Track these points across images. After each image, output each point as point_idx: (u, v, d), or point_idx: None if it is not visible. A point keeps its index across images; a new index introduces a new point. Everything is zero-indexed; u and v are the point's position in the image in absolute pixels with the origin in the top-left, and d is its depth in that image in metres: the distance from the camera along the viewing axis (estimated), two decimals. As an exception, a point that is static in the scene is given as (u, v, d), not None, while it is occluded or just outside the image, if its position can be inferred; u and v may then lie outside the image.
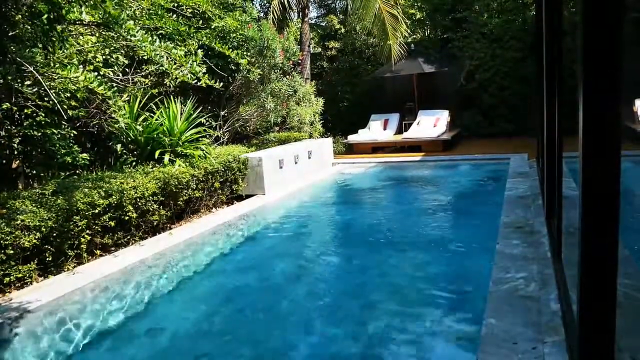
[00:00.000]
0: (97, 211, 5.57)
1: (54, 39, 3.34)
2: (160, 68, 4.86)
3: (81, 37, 6.12)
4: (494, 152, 11.96)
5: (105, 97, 4.09)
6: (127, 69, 8.15)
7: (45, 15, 3.05)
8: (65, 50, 3.83)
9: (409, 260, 5.62)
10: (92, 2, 3.23)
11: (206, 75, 4.49)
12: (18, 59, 3.42)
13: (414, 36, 17.63)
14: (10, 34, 3.27)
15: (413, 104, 16.27)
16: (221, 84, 5.20)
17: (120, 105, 4.04)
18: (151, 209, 6.39)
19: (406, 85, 16.38)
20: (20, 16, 3.26)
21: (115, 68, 7.69)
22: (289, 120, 11.91)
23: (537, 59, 7.42)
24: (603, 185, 1.72)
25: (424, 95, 16.39)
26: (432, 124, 14.37)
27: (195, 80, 4.41)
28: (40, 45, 3.41)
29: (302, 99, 11.99)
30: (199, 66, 4.82)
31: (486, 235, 5.44)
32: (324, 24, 18.92)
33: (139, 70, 8.55)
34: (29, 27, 3.35)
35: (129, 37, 4.28)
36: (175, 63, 4.78)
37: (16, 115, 6.68)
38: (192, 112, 8.19)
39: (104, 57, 7.16)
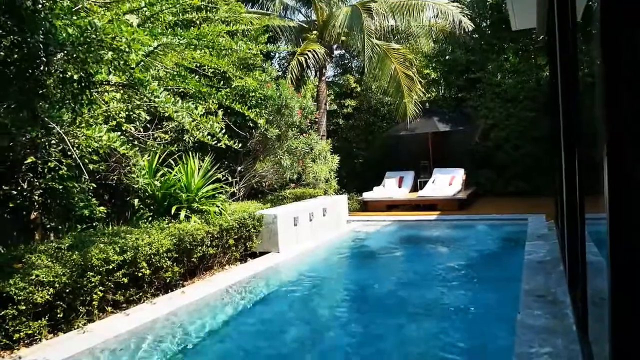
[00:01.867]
0: (111, 267, 5.55)
1: (83, 102, 3.44)
2: (181, 124, 4.96)
3: (106, 94, 6.31)
4: (510, 212, 11.84)
5: (127, 156, 4.17)
6: (148, 125, 8.34)
7: (76, 80, 3.15)
8: (92, 112, 3.94)
9: (425, 329, 5.44)
10: (121, 67, 3.34)
11: (225, 136, 4.56)
12: (46, 118, 3.50)
13: (429, 95, 17.92)
14: (40, 93, 3.37)
15: (428, 162, 16.33)
16: (240, 144, 5.27)
17: (141, 165, 4.09)
18: (165, 266, 6.35)
19: (421, 144, 16.51)
20: (51, 80, 3.38)
21: (137, 124, 7.86)
22: (305, 177, 11.98)
23: (553, 117, 7.46)
24: (635, 252, 1.62)
25: (439, 154, 16.47)
26: (447, 182, 14.35)
27: (215, 141, 4.47)
28: (69, 107, 3.50)
29: (318, 156, 12.10)
30: (219, 124, 4.92)
31: (506, 303, 5.29)
32: (340, 82, 19.34)
33: (159, 126, 8.74)
34: (59, 90, 3.46)
35: (152, 97, 4.39)
36: (196, 122, 4.87)
37: (39, 168, 6.81)
38: (209, 168, 8.28)
39: (126, 112, 7.35)
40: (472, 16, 15.78)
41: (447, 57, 17.89)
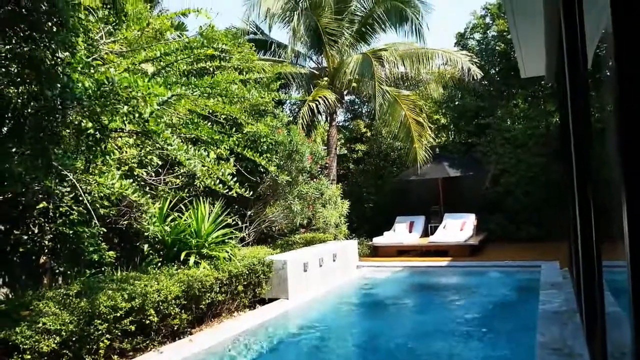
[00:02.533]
0: (119, 314, 5.48)
1: (97, 153, 3.49)
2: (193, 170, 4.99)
3: (120, 139, 6.40)
4: (523, 259, 11.65)
5: (138, 204, 4.19)
6: (160, 169, 8.41)
7: (91, 131, 3.20)
8: (106, 161, 3.99)
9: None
10: (136, 120, 3.39)
11: (237, 184, 4.58)
12: (60, 167, 3.54)
13: (439, 140, 18.00)
14: (55, 143, 3.42)
15: (439, 207, 16.23)
16: (250, 192, 5.28)
17: (152, 212, 4.10)
18: (173, 313, 6.27)
19: (431, 189, 16.46)
20: (67, 131, 3.44)
21: (149, 168, 7.93)
22: (315, 221, 11.93)
23: (565, 163, 7.42)
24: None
25: (449, 199, 16.39)
26: (458, 227, 14.22)
27: (227, 190, 4.48)
28: (83, 158, 3.55)
29: (328, 201, 12.09)
30: (230, 170, 4.94)
31: (520, 357, 5.12)
32: (350, 127, 19.52)
33: (171, 171, 8.81)
34: (74, 141, 3.52)
35: (165, 145, 4.44)
36: (207, 169, 4.91)
37: (50, 213, 6.84)
38: (219, 213, 8.27)
39: (139, 157, 7.43)
40: (480, 64, 16.01)
41: (456, 103, 18.08)
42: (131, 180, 4.25)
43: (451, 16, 32.88)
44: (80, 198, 6.47)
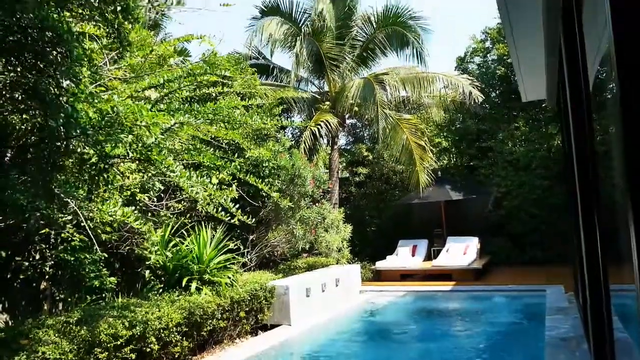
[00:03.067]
0: (119, 343, 5.41)
1: (100, 183, 3.48)
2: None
3: (122, 164, 6.40)
4: (527, 282, 11.54)
5: (140, 232, 4.17)
6: (162, 194, 8.40)
7: (94, 160, 3.20)
8: (108, 189, 3.98)
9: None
10: (139, 150, 3.39)
11: (239, 211, 4.56)
12: (62, 195, 3.53)
13: (441, 163, 18.01)
14: (58, 172, 3.42)
15: (441, 231, 16.15)
16: (253, 219, 5.25)
17: (153, 240, 4.07)
18: (174, 340, 6.19)
19: (434, 212, 16.40)
20: (70, 161, 3.44)
21: (151, 193, 7.92)
22: (317, 246, 11.86)
23: (568, 185, 7.39)
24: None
25: (452, 222, 16.31)
26: (461, 251, 14.12)
27: (229, 217, 4.46)
28: (85, 187, 3.54)
29: (330, 226, 12.03)
30: (233, 195, 4.92)
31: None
32: (352, 150, 19.56)
33: (173, 196, 8.80)
34: (76, 171, 3.51)
35: (168, 172, 4.44)
36: (209, 195, 4.89)
37: (52, 239, 6.81)
38: (221, 238, 8.23)
39: (141, 182, 7.43)
40: (481, 87, 16.11)
41: (458, 126, 18.14)
42: (133, 208, 4.23)
43: (451, 40, 33.25)
44: (82, 224, 6.45)
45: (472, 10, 41.89)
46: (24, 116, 4.11)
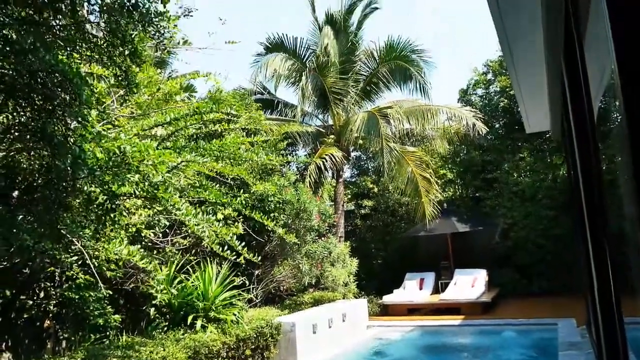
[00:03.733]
0: (123, 384, 5.31)
1: (106, 223, 3.48)
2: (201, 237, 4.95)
3: (128, 200, 6.42)
4: (538, 316, 11.33)
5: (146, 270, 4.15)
6: (167, 230, 8.37)
7: (101, 201, 3.21)
8: (114, 229, 3.99)
9: None
10: (146, 188, 3.41)
11: (245, 249, 4.54)
12: (68, 235, 3.52)
13: (446, 195, 17.97)
14: (64, 213, 3.43)
15: (448, 263, 16.00)
16: (259, 257, 5.22)
17: (159, 279, 4.04)
18: (179, 381, 6.07)
19: (441, 244, 16.28)
20: (77, 201, 3.46)
21: (157, 229, 7.90)
22: (323, 280, 11.75)
23: (575, 215, 7.32)
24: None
25: (459, 254, 16.17)
26: (469, 284, 13.94)
27: (235, 256, 4.43)
28: (92, 227, 3.54)
29: (336, 260, 11.94)
30: (238, 231, 4.90)
31: None
32: (357, 182, 19.57)
33: (178, 231, 8.77)
34: (83, 211, 3.52)
35: (174, 210, 4.44)
36: (215, 233, 4.87)
37: (56, 277, 6.78)
38: (227, 274, 8.17)
39: (147, 218, 7.42)
40: (485, 119, 16.19)
41: (462, 158, 18.16)
42: (139, 246, 4.22)
43: (454, 71, 33.64)
44: (87, 261, 6.42)
45: (475, 41, 42.52)
46: (32, 154, 4.15)
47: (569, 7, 3.70)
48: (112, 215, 3.51)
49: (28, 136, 3.47)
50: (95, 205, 3.32)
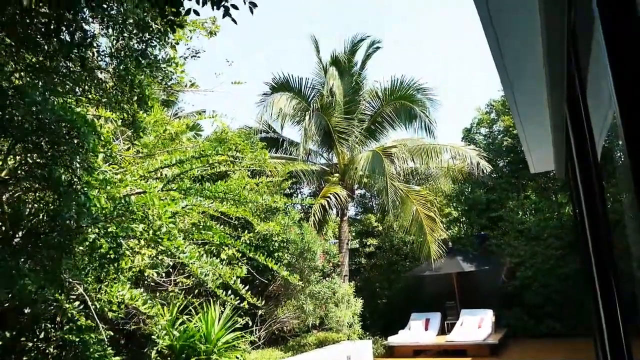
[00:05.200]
0: None
1: (110, 271, 3.47)
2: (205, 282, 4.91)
3: (131, 241, 6.39)
4: (547, 359, 11.08)
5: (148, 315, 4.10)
6: (170, 269, 8.31)
7: (104, 249, 3.20)
8: (117, 277, 3.96)
9: None
10: (150, 237, 3.40)
11: (248, 293, 4.49)
12: (70, 279, 3.50)
13: (451, 233, 17.86)
14: (68, 260, 3.42)
15: (454, 303, 15.76)
16: (263, 302, 5.17)
17: (161, 324, 3.99)
18: None
19: (446, 284, 16.08)
20: (80, 248, 3.46)
21: (160, 269, 7.84)
22: (328, 321, 11.58)
23: (582, 255, 7.22)
24: None
25: (465, 294, 15.94)
26: (476, 324, 13.70)
27: (239, 301, 4.39)
28: (94, 274, 3.53)
29: (341, 300, 11.80)
30: (242, 274, 4.85)
31: None
32: (361, 219, 19.50)
33: (181, 271, 8.71)
34: (87, 259, 3.52)
35: (178, 253, 4.41)
36: (218, 277, 4.84)
37: (57, 319, 6.69)
38: (230, 316, 8.07)
39: (150, 257, 7.37)
40: (489, 157, 16.24)
41: (467, 196, 18.13)
42: (141, 290, 4.18)
43: (458, 109, 33.97)
44: (89, 303, 6.36)
45: (480, 79, 43.11)
46: (37, 198, 4.17)
47: (570, 54, 3.76)
48: (115, 265, 3.50)
49: (34, 181, 3.49)
50: (98, 253, 3.31)
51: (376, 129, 16.86)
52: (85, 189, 3.17)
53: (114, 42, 3.76)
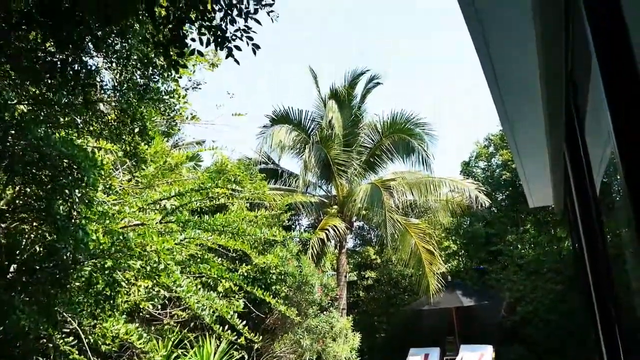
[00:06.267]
0: None
1: (105, 308, 3.42)
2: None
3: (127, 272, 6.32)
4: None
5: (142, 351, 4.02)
6: (166, 301, 8.20)
7: (100, 286, 3.17)
8: (113, 313, 3.91)
9: None
10: (147, 273, 3.38)
11: (246, 328, 4.43)
12: (65, 313, 3.45)
13: (450, 266, 17.74)
14: (63, 296, 3.37)
15: (454, 338, 15.53)
16: (260, 337, 5.09)
17: (157, 361, 3.91)
18: None
19: (445, 318, 15.90)
20: (76, 284, 3.42)
21: (156, 301, 7.74)
22: (325, 356, 11.37)
23: (583, 290, 7.14)
24: None
25: (464, 329, 15.74)
26: (476, 361, 13.47)
27: (236, 337, 4.32)
28: (89, 310, 3.48)
29: (338, 334, 11.62)
30: (239, 309, 4.79)
31: None
32: (360, 251, 19.39)
33: (177, 303, 8.59)
34: (82, 294, 3.47)
35: (175, 287, 4.37)
36: (214, 311, 4.77)
37: (51, 354, 6.56)
38: (226, 350, 7.93)
39: (145, 289, 7.28)
40: (487, 191, 16.26)
41: (465, 229, 18.09)
42: (136, 324, 4.11)
43: (457, 142, 34.20)
44: (83, 337, 6.24)
45: (478, 112, 43.57)
46: (34, 230, 4.14)
47: (569, 93, 3.80)
48: (111, 302, 3.46)
49: (32, 214, 3.47)
50: (94, 289, 3.27)
51: (375, 162, 16.92)
52: (84, 222, 3.15)
53: (117, 75, 3.80)
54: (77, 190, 3.02)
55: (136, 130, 3.86)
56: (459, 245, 18.25)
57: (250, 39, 2.94)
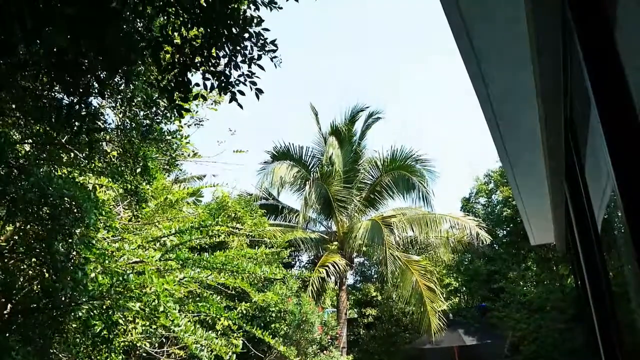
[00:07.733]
0: None
1: (103, 352, 3.36)
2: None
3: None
4: None
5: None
6: (164, 339, 8.06)
7: (98, 328, 3.12)
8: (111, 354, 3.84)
9: None
10: (147, 315, 3.33)
11: (245, 370, 4.34)
12: (61, 354, 3.39)
13: (451, 302, 17.53)
14: (60, 338, 3.32)
15: (456, 378, 15.20)
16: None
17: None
18: None
19: (448, 357, 15.58)
20: (74, 325, 3.37)
21: (153, 340, 7.61)
22: (325, 397, 11.12)
23: (587, 328, 7.01)
24: None
25: (467, 368, 15.41)
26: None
27: (234, 379, 4.23)
28: (85, 352, 3.42)
29: (339, 375, 11.40)
30: (238, 349, 4.69)
31: None
32: (360, 287, 19.18)
33: (175, 342, 8.44)
34: (79, 337, 3.42)
35: (172, 326, 4.30)
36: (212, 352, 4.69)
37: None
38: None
39: (143, 327, 7.17)
40: (488, 227, 16.20)
41: (467, 266, 17.95)
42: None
43: (457, 178, 34.26)
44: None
45: (478, 148, 43.82)
46: (33, 262, 4.10)
47: (568, 134, 3.84)
48: (109, 345, 3.40)
49: (31, 253, 3.46)
50: (92, 331, 3.23)
51: (375, 198, 16.91)
52: (83, 263, 3.13)
53: (121, 115, 3.85)
54: (77, 230, 3.01)
55: (138, 170, 3.87)
56: (460, 283, 18.08)
57: (254, 83, 2.99)
